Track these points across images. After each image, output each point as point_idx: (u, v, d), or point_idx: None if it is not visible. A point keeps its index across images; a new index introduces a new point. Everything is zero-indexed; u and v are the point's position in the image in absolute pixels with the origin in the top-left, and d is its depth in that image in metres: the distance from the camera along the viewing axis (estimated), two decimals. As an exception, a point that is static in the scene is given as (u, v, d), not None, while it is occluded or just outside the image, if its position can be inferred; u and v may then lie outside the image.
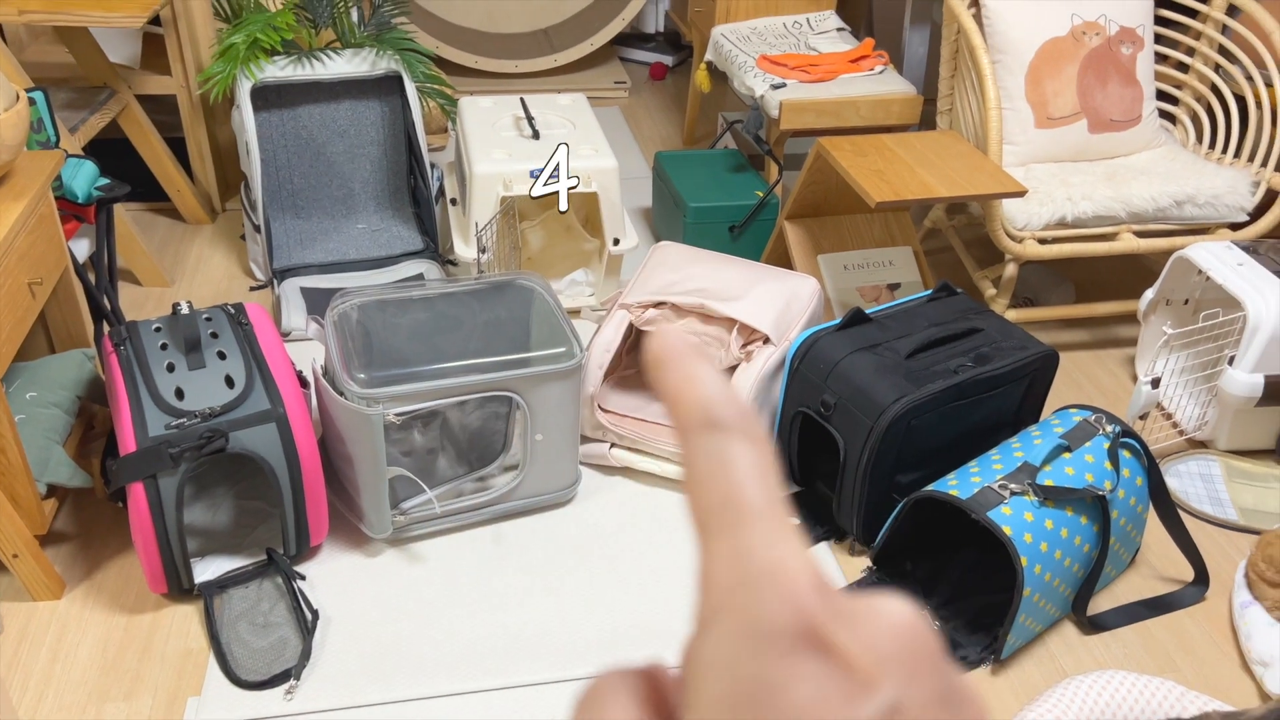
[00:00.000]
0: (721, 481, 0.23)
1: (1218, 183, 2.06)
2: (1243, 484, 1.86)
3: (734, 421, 0.25)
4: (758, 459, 0.24)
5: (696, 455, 0.24)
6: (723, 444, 0.24)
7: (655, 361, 0.26)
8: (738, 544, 0.23)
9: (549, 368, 1.59)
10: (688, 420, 0.25)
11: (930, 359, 1.64)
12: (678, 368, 0.26)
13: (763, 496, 0.23)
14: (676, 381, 0.25)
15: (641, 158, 3.14)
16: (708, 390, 0.25)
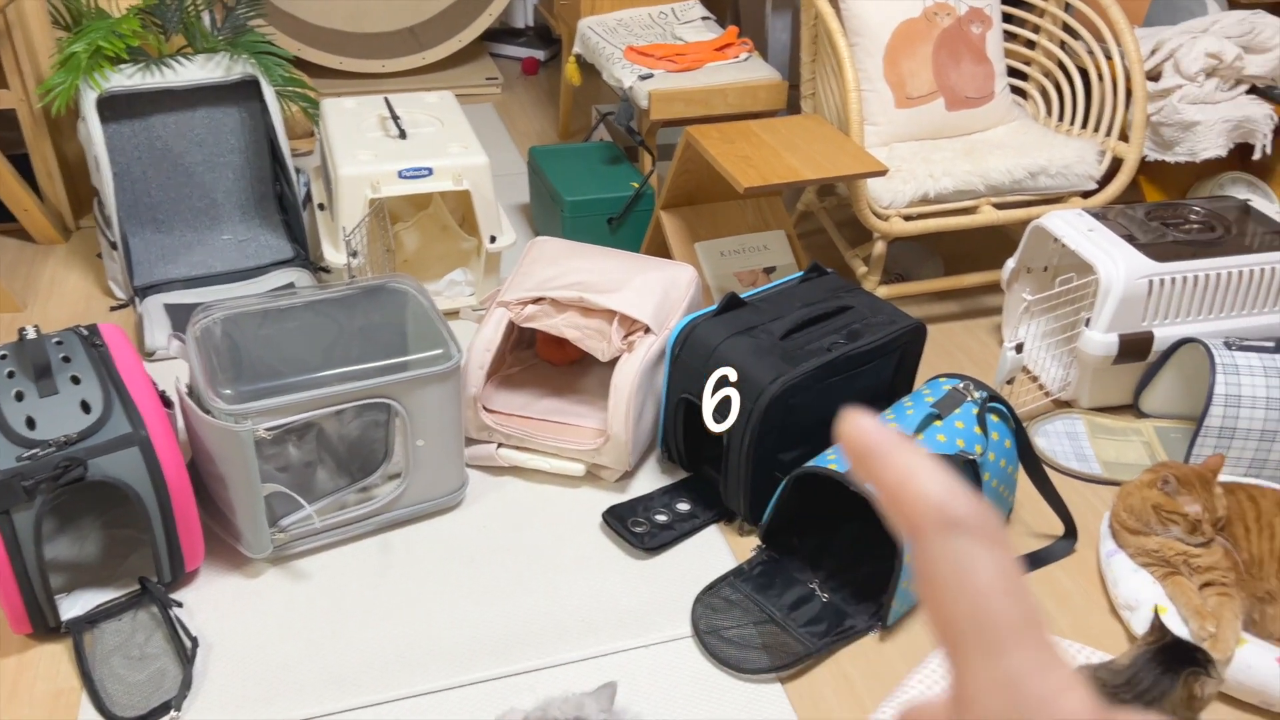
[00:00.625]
0: (971, 593, 0.22)
1: (1067, 153, 2.16)
2: (1105, 439, 1.96)
3: (973, 521, 0.23)
4: (1006, 566, 0.23)
5: (936, 560, 0.23)
6: (965, 549, 0.23)
7: (862, 452, 0.25)
8: (1002, 669, 0.22)
9: (426, 371, 1.56)
10: (919, 521, 0.24)
11: (804, 338, 1.67)
12: (892, 459, 0.24)
13: (1020, 613, 0.22)
14: (896, 475, 0.24)
15: (517, 153, 3.11)
16: (936, 486, 0.24)
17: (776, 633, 1.52)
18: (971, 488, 1.19)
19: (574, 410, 1.88)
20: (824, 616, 1.55)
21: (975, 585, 0.23)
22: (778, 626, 1.53)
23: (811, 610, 1.56)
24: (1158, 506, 1.55)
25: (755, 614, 1.55)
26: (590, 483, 1.80)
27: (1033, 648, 0.22)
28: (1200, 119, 2.20)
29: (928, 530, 0.24)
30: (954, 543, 0.23)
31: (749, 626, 1.53)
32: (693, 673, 1.46)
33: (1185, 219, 2.03)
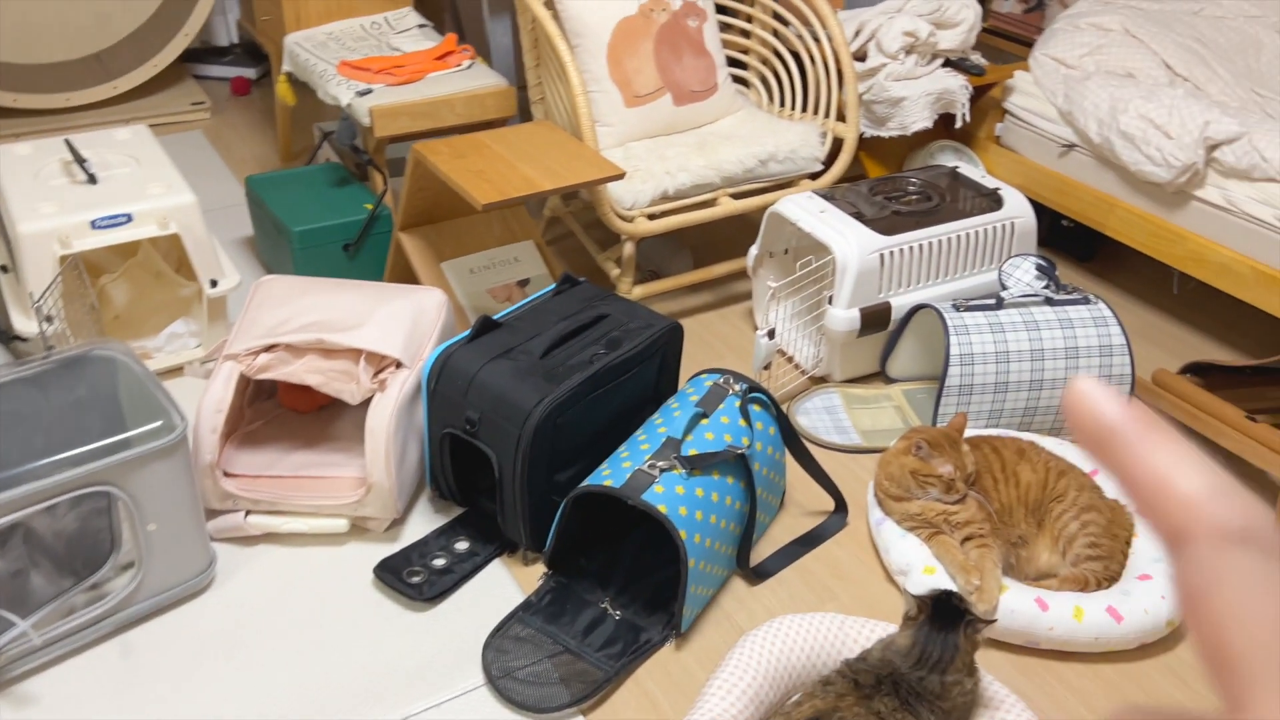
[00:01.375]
0: (1260, 620, 0.19)
1: (792, 138, 2.23)
2: (860, 408, 2.04)
3: (1256, 529, 0.20)
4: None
5: (1213, 576, 0.20)
6: (1251, 564, 0.19)
7: (1101, 439, 0.21)
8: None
9: (146, 448, 1.38)
10: (1188, 525, 0.20)
11: (565, 354, 1.62)
12: (1147, 449, 0.21)
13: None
14: (1153, 469, 0.21)
15: (236, 183, 2.88)
16: (1202, 482, 0.20)
17: (573, 662, 1.47)
18: (745, 482, 1.17)
19: (328, 461, 1.74)
20: (619, 636, 1.52)
21: (1263, 613, 0.19)
22: (573, 655, 1.48)
23: (606, 631, 1.52)
24: (915, 471, 1.62)
25: (548, 647, 1.49)
26: (357, 537, 1.67)
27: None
28: (906, 94, 2.33)
29: (1200, 538, 0.20)
30: (1239, 557, 0.20)
31: (544, 661, 1.47)
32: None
33: (905, 191, 2.14)
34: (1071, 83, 2.33)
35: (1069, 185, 2.35)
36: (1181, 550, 0.21)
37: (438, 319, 1.78)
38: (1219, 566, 0.20)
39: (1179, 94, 2.14)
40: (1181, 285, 2.36)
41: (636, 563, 1.64)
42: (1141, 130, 2.12)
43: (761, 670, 1.38)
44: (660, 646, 1.51)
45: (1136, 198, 2.22)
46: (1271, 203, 1.98)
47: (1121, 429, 0.22)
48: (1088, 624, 1.47)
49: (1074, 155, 2.34)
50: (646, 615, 1.55)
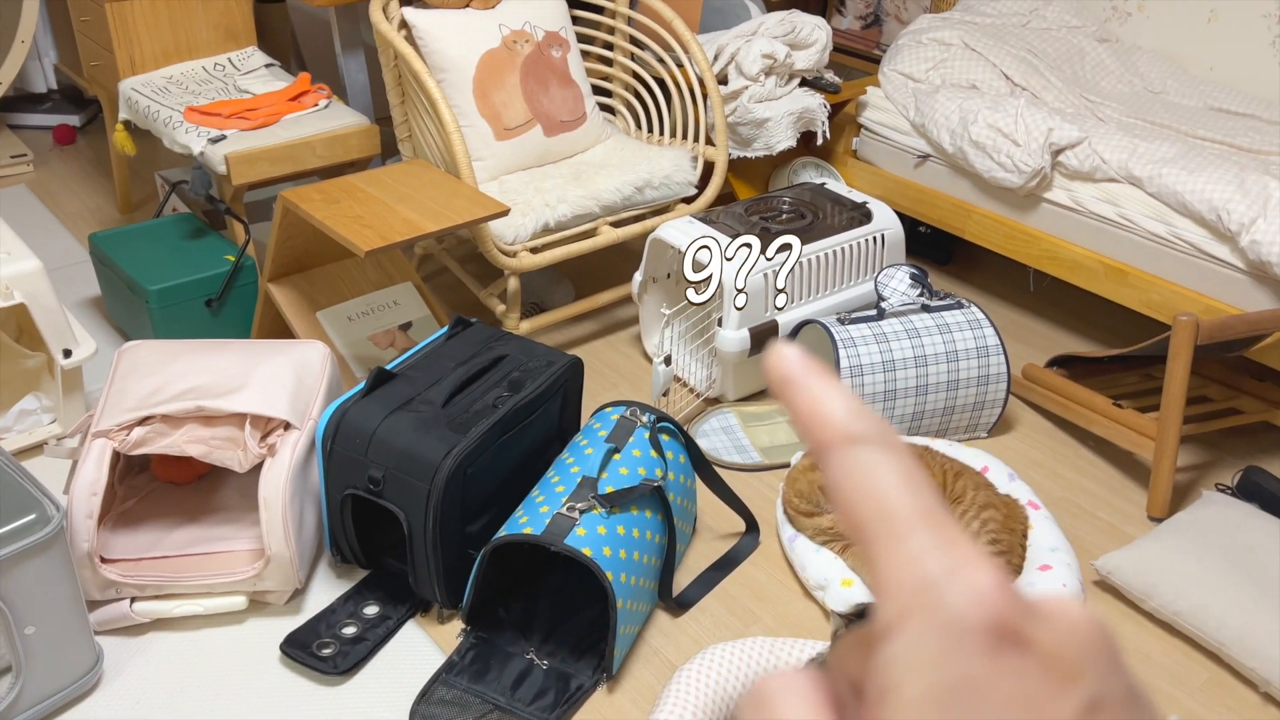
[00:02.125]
0: (877, 491, 0.25)
1: (665, 163, 2.25)
2: (756, 426, 2.07)
3: (873, 433, 0.26)
4: (905, 466, 0.25)
5: (844, 469, 0.25)
6: (868, 455, 0.25)
7: (780, 381, 0.27)
8: (912, 548, 0.24)
9: (19, 545, 1.26)
10: (827, 436, 0.26)
11: (467, 400, 1.57)
12: (805, 387, 0.27)
13: (918, 503, 0.24)
14: (807, 401, 0.27)
15: (73, 240, 2.68)
16: (841, 405, 0.26)
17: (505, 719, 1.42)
18: (662, 514, 1.16)
19: (217, 534, 1.62)
20: (549, 686, 1.47)
21: (878, 485, 0.25)
22: (504, 712, 1.43)
23: (535, 683, 1.48)
24: (824, 486, 1.64)
25: (478, 707, 1.43)
26: (257, 612, 1.57)
27: (932, 530, 0.24)
28: (769, 115, 2.39)
29: (835, 445, 0.26)
30: (857, 452, 0.25)
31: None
32: (428, 796, 1.31)
33: (779, 210, 2.19)
34: (921, 96, 2.44)
35: (926, 194, 2.46)
36: (825, 457, 0.26)
37: (323, 373, 1.69)
38: (845, 463, 0.25)
39: (1021, 103, 2.27)
40: (1037, 283, 2.50)
41: (556, 607, 1.60)
42: (991, 139, 2.24)
43: (700, 704, 1.37)
44: (592, 691, 1.48)
45: (990, 202, 2.34)
46: (1114, 201, 2.12)
47: (791, 374, 0.27)
48: (1001, 619, 1.52)
49: (929, 165, 2.45)
50: (574, 660, 1.52)
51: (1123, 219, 2.11)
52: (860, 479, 0.25)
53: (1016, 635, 0.22)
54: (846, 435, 0.26)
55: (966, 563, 0.23)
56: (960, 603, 0.22)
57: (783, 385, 0.27)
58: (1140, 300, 2.10)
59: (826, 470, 0.26)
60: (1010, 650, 0.22)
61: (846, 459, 0.25)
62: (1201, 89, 2.52)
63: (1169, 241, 2.04)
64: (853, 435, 0.26)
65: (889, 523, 0.24)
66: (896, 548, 0.24)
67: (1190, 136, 2.28)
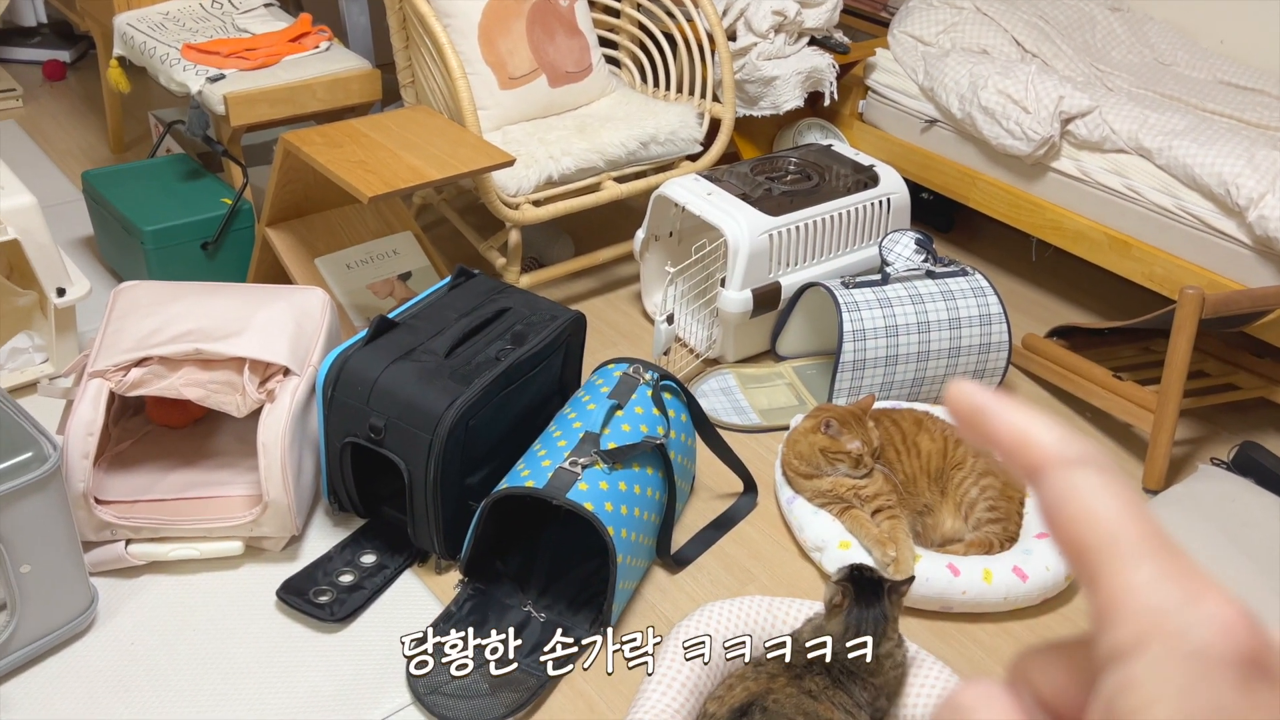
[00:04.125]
0: (1101, 514, 0.25)
1: (670, 119, 2.22)
2: (755, 388, 2.06)
3: (1090, 457, 0.26)
4: (1127, 490, 0.25)
5: (1063, 491, 0.25)
6: (1088, 478, 0.25)
7: (972, 415, 0.27)
8: (1143, 575, 0.24)
9: (16, 483, 1.24)
10: (1041, 459, 0.26)
11: (470, 352, 1.55)
12: (1005, 415, 0.27)
13: (1149, 527, 0.24)
14: (1013, 428, 0.27)
15: (64, 178, 2.63)
16: (1050, 430, 0.26)
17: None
18: (663, 472, 1.15)
19: (213, 479, 1.61)
20: (546, 638, 1.47)
21: (1102, 508, 0.25)
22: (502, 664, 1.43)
23: (532, 635, 1.48)
24: (825, 449, 1.64)
25: (476, 657, 1.43)
26: (253, 558, 1.56)
27: (1163, 557, 0.24)
28: (778, 74, 2.35)
29: (1052, 468, 0.26)
30: (1076, 474, 0.25)
31: (472, 673, 1.41)
32: (425, 744, 1.32)
33: (785, 171, 2.17)
34: (931, 60, 2.41)
35: (931, 159, 2.44)
36: (1040, 481, 0.26)
37: (322, 320, 1.67)
38: (1064, 487, 0.25)
39: (1032, 70, 2.24)
40: (1039, 253, 2.49)
41: (554, 561, 1.60)
42: (1001, 105, 2.22)
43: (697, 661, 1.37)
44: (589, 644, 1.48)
45: (996, 170, 2.33)
46: (1121, 172, 2.11)
47: (985, 406, 0.27)
48: (997, 585, 1.53)
49: (935, 130, 2.43)
50: (571, 614, 1.52)
51: (1129, 190, 2.10)
52: (1082, 502, 0.25)
53: (1265, 668, 0.22)
54: (1062, 458, 0.26)
55: (1206, 592, 0.23)
56: (1206, 633, 0.22)
57: (977, 416, 0.27)
58: (1143, 273, 2.10)
59: (1041, 493, 0.26)
60: (1260, 683, 0.22)
61: (1065, 482, 0.25)
62: (1212, 62, 2.50)
63: (1175, 215, 2.03)
64: (1069, 458, 0.26)
65: (1116, 547, 0.24)
66: (1126, 572, 0.24)
67: (1200, 110, 2.27)
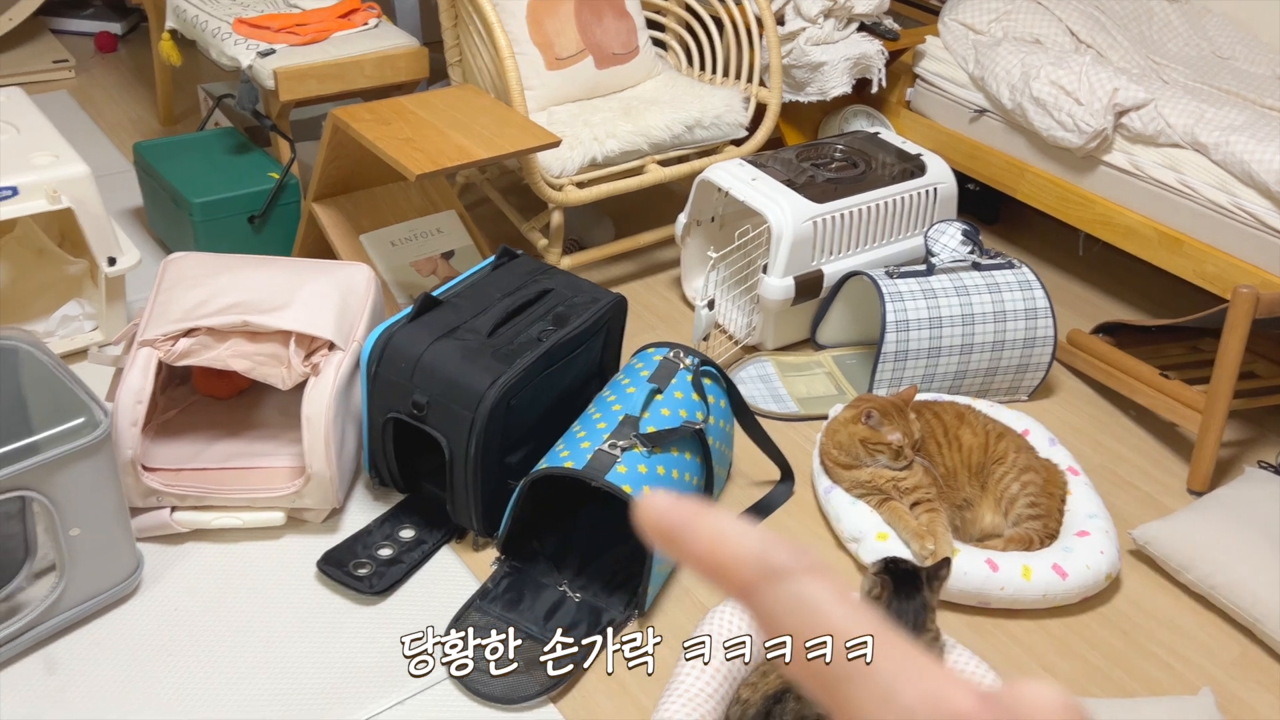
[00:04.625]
0: (818, 628, 0.24)
1: (716, 103, 2.20)
2: (793, 376, 2.05)
3: (793, 562, 0.24)
4: (836, 591, 0.24)
5: (779, 608, 0.24)
6: (796, 590, 0.24)
7: (663, 534, 0.25)
8: (874, 685, 0.23)
9: (68, 447, 1.26)
10: (745, 579, 0.24)
11: (512, 331, 1.56)
12: (696, 531, 0.25)
13: (867, 627, 0.23)
14: (706, 547, 0.25)
15: (113, 149, 2.66)
16: (747, 542, 0.25)
17: (537, 648, 1.43)
18: (701, 457, 1.15)
19: (256, 450, 1.63)
20: (581, 618, 1.48)
21: (821, 619, 0.24)
22: (537, 642, 1.44)
23: (567, 615, 1.49)
24: (865, 440, 1.63)
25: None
26: (294, 529, 1.58)
27: (894, 656, 0.23)
28: (826, 59, 2.33)
29: (757, 584, 0.24)
30: (787, 588, 0.24)
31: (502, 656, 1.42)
32: (461, 716, 1.33)
33: (831, 158, 2.15)
34: (982, 48, 2.38)
35: (979, 150, 2.41)
36: (753, 599, 0.24)
37: (367, 296, 1.69)
38: (776, 603, 0.24)
39: (1087, 61, 2.20)
40: (1086, 248, 2.46)
41: (590, 542, 1.61)
42: (1053, 96, 2.18)
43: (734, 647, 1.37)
44: (624, 627, 1.49)
45: (1046, 162, 2.29)
46: (1175, 167, 2.07)
47: (675, 520, 0.25)
48: (1036, 582, 1.52)
49: (984, 120, 2.40)
50: (606, 595, 1.52)
51: (1183, 186, 2.06)
52: (800, 615, 0.24)
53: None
54: (767, 571, 0.24)
55: (935, 687, 0.23)
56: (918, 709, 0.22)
57: (668, 535, 0.25)
58: (1194, 271, 2.06)
59: (756, 612, 0.24)
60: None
61: (779, 597, 0.24)
62: (1271, 57, 2.45)
63: (1229, 211, 1.99)
64: (774, 570, 0.24)
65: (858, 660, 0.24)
66: (860, 684, 0.23)
67: (1258, 105, 2.22)
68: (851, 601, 0.24)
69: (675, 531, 0.25)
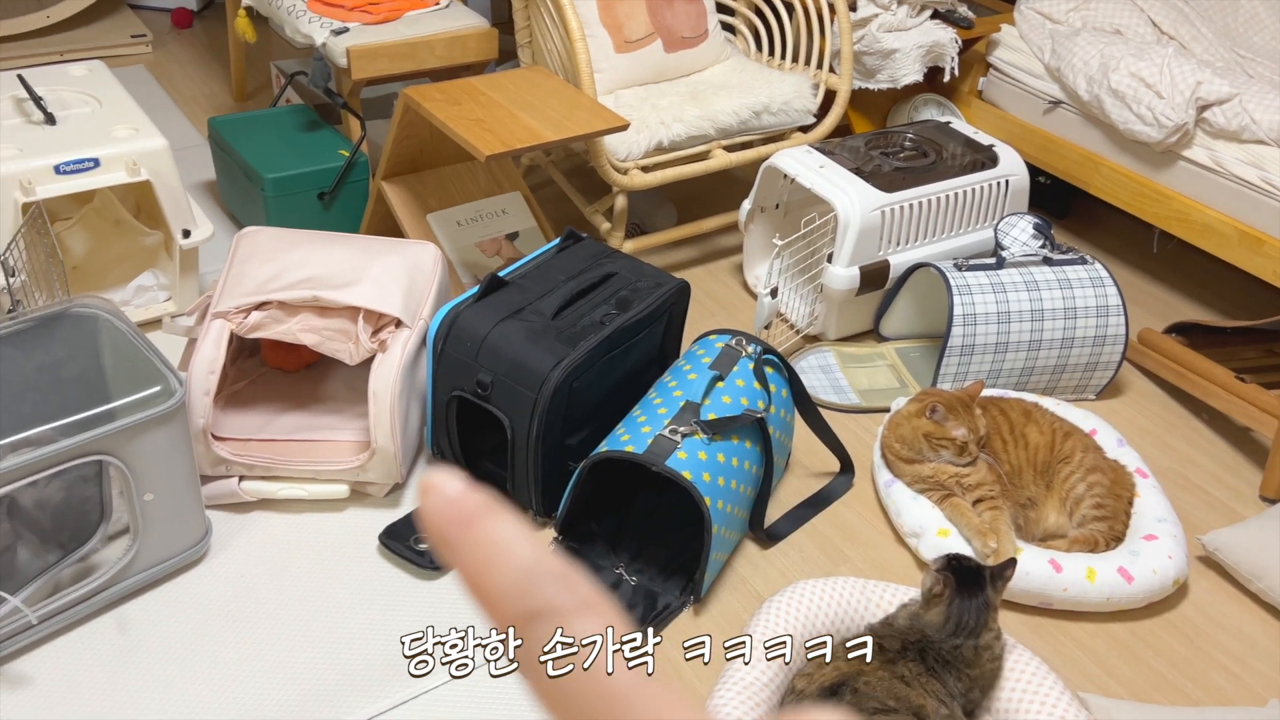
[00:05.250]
0: (587, 683, 0.21)
1: (785, 89, 2.18)
2: (855, 368, 2.03)
3: (562, 601, 0.22)
4: (614, 636, 0.21)
5: (533, 657, 0.21)
6: (563, 635, 0.21)
7: (438, 535, 0.23)
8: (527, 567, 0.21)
9: (145, 414, 1.30)
10: (505, 613, 0.22)
11: (576, 314, 1.56)
12: (469, 540, 0.22)
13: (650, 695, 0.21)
14: (474, 562, 0.22)
15: (188, 123, 2.71)
16: (517, 565, 0.22)
17: (592, 630, 1.44)
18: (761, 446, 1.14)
19: (323, 423, 1.66)
20: (636, 602, 1.49)
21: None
22: (592, 623, 1.45)
23: (623, 598, 1.49)
24: (929, 434, 1.61)
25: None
26: (357, 502, 1.61)
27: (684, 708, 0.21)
28: (898, 46, 2.29)
29: (519, 621, 0.22)
30: (550, 628, 0.22)
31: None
32: (518, 696, 1.34)
33: (900, 147, 2.12)
34: (1059, 38, 2.32)
35: (1053, 142, 2.36)
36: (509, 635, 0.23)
37: (434, 275, 1.70)
38: (531, 647, 0.22)
39: (1169, 53, 2.14)
40: (1161, 245, 2.39)
41: (647, 527, 1.61)
42: (1132, 89, 2.12)
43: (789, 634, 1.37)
44: (679, 612, 1.49)
45: (1122, 156, 2.23)
46: (1259, 164, 2.01)
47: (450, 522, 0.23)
48: (1100, 584, 1.49)
49: (1059, 112, 2.34)
50: (662, 580, 1.53)
51: (1266, 184, 1.99)
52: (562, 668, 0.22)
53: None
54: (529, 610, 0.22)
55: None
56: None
57: (440, 541, 0.23)
58: (1274, 271, 2.00)
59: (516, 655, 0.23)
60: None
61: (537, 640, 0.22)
62: (1366, 52, 2.36)
63: (1316, 212, 1.93)
64: (539, 609, 0.22)
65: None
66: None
67: (1350, 102, 2.13)
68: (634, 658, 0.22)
69: (447, 533, 0.23)
